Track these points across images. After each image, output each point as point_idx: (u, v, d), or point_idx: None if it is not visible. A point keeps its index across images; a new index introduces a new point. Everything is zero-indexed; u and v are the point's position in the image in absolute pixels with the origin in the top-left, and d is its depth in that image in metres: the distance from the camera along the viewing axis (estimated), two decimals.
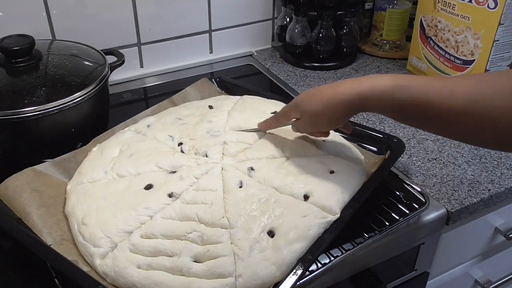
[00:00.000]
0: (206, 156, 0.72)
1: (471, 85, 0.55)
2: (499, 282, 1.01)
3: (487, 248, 0.97)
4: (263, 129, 0.77)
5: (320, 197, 0.65)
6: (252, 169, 0.69)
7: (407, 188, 0.76)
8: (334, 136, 0.79)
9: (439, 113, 0.56)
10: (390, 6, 1.19)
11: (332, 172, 0.70)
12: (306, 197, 0.66)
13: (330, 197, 0.66)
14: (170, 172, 0.70)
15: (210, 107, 0.85)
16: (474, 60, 1.00)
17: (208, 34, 1.18)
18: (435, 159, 0.86)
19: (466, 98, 0.54)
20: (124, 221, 0.62)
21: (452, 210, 0.76)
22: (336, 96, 0.62)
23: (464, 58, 1.01)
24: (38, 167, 0.71)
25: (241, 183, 0.67)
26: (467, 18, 0.98)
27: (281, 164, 0.71)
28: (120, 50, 0.95)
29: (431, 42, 1.08)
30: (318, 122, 0.67)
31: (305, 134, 0.74)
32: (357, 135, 0.82)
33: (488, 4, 0.93)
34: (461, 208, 0.77)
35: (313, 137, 0.75)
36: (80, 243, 0.62)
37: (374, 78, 0.60)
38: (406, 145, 0.81)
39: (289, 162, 0.71)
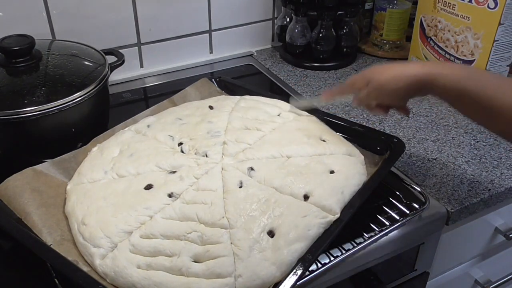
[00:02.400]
0: (206, 156, 0.72)
1: None
2: (499, 282, 1.01)
3: (487, 248, 0.97)
4: (326, 100, 0.80)
5: (320, 197, 0.65)
6: (252, 169, 0.69)
7: (407, 188, 0.76)
8: (335, 136, 0.79)
9: (493, 108, 0.60)
10: (390, 6, 1.19)
11: (332, 172, 0.70)
12: (306, 197, 0.66)
13: (330, 197, 0.66)
14: (170, 172, 0.70)
15: (211, 107, 0.85)
16: (474, 60, 1.00)
17: (208, 34, 1.18)
18: (435, 159, 0.86)
19: None
20: (124, 221, 0.62)
21: (452, 210, 0.76)
22: (406, 70, 0.66)
23: (464, 58, 1.01)
24: (38, 167, 0.71)
25: (241, 183, 0.67)
26: (467, 18, 0.98)
27: (281, 164, 0.71)
28: (120, 50, 0.95)
29: (431, 42, 1.08)
30: (382, 94, 0.70)
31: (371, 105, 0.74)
32: (357, 135, 0.82)
33: (488, 4, 0.93)
34: (461, 208, 0.77)
35: (315, 136, 0.75)
36: (80, 243, 0.62)
37: (444, 64, 0.65)
38: (406, 145, 0.81)
39: (289, 162, 0.71)
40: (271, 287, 0.58)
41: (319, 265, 0.63)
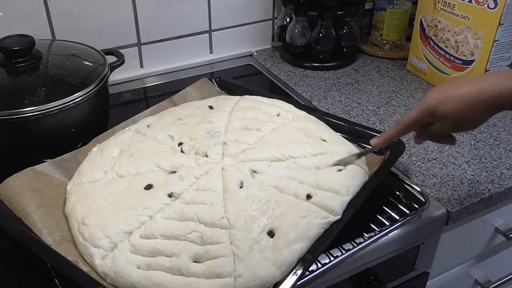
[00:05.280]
0: (206, 156, 0.72)
1: None
2: (499, 282, 1.01)
3: (487, 248, 0.97)
4: (378, 146, 0.70)
5: (324, 197, 0.65)
6: (252, 169, 0.69)
7: (407, 188, 0.76)
8: (335, 136, 0.79)
9: None
10: (390, 6, 1.19)
11: (339, 170, 0.70)
12: (308, 197, 0.66)
13: (334, 197, 0.66)
14: (170, 172, 0.70)
15: (210, 107, 0.85)
16: (474, 60, 1.00)
17: (208, 34, 1.18)
18: (435, 159, 0.86)
19: None
20: (124, 221, 0.62)
21: (452, 210, 0.76)
22: (481, 94, 0.56)
23: (464, 58, 1.01)
24: (38, 167, 0.71)
25: (241, 183, 0.67)
26: (467, 18, 0.98)
27: (282, 164, 0.71)
28: (120, 50, 0.95)
29: (431, 42, 1.08)
30: (462, 124, 0.60)
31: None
32: (357, 135, 0.82)
33: (488, 4, 0.93)
34: (461, 208, 0.77)
35: (315, 136, 0.75)
36: (80, 243, 0.62)
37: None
38: (406, 145, 0.81)
39: (290, 162, 0.71)
40: (271, 287, 0.58)
41: (319, 265, 0.63)
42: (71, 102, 0.76)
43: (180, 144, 0.75)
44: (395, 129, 0.66)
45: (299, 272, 0.58)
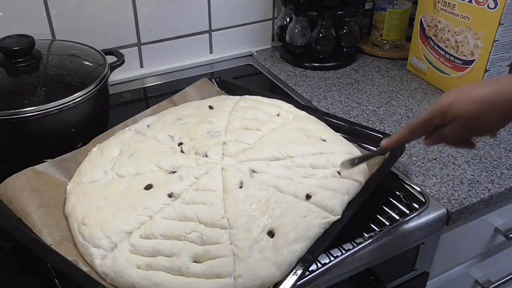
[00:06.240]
0: (206, 156, 0.72)
1: None
2: (499, 282, 1.01)
3: (487, 248, 0.97)
4: (389, 147, 0.66)
5: (323, 197, 0.65)
6: (252, 169, 0.69)
7: (407, 188, 0.76)
8: (335, 136, 0.79)
9: None
10: (390, 6, 1.19)
11: (338, 173, 0.70)
12: (308, 197, 0.66)
13: (333, 197, 0.66)
14: (170, 172, 0.70)
15: (210, 107, 0.85)
16: (474, 60, 1.00)
17: (208, 34, 1.18)
18: (435, 159, 0.86)
19: None
20: (124, 221, 0.62)
21: (452, 210, 0.76)
22: (499, 93, 0.52)
23: (464, 58, 1.01)
24: (38, 167, 0.71)
25: (241, 183, 0.67)
26: (467, 18, 0.98)
27: (282, 164, 0.71)
28: (120, 50, 0.95)
29: (431, 42, 1.08)
30: (475, 127, 0.55)
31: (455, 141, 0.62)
32: (357, 135, 0.82)
33: (488, 4, 0.93)
34: (461, 208, 0.77)
35: (315, 136, 0.75)
36: (80, 243, 0.62)
37: None
38: (406, 145, 0.81)
39: (290, 162, 0.71)
40: (271, 287, 0.58)
41: (319, 265, 0.63)
42: (71, 102, 0.76)
43: (180, 144, 0.75)
44: (405, 131, 0.63)
45: (299, 272, 0.58)
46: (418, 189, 0.75)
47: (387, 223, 0.69)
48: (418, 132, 0.62)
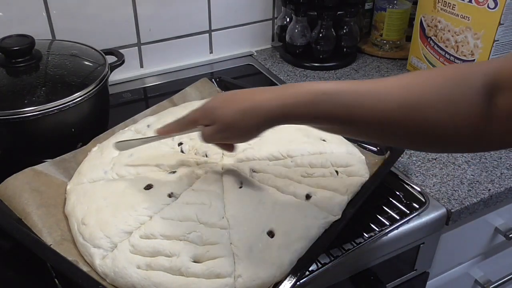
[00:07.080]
0: (206, 156, 0.72)
1: (403, 85, 0.49)
2: (499, 282, 1.01)
3: (487, 248, 0.97)
4: (161, 137, 0.67)
5: (323, 197, 0.65)
6: (252, 169, 0.69)
7: (407, 188, 0.76)
8: (334, 135, 0.79)
9: (369, 120, 0.50)
10: (390, 6, 1.19)
11: (336, 172, 0.70)
12: (308, 197, 0.66)
13: (333, 197, 0.66)
14: (170, 172, 0.70)
15: None
16: (474, 60, 1.00)
17: (208, 34, 1.18)
18: (435, 159, 0.86)
19: (397, 101, 0.48)
20: (124, 221, 0.62)
21: (452, 210, 0.76)
22: (255, 105, 0.55)
23: (464, 58, 1.01)
24: (38, 167, 0.71)
25: (241, 183, 0.67)
26: (467, 18, 0.98)
27: (282, 164, 0.71)
28: (120, 50, 0.95)
29: (431, 42, 1.08)
30: (231, 132, 0.58)
31: (216, 142, 0.65)
32: None
33: (488, 4, 0.93)
34: (461, 208, 0.77)
35: (315, 136, 0.75)
36: (80, 243, 0.62)
37: (300, 86, 0.53)
38: None
39: (290, 162, 0.71)
40: (271, 287, 0.58)
41: (319, 265, 0.63)
42: (71, 102, 0.76)
43: (180, 144, 0.75)
44: (174, 124, 0.65)
45: (299, 272, 0.58)
46: (418, 189, 0.75)
47: (387, 223, 0.69)
48: (185, 128, 0.64)
